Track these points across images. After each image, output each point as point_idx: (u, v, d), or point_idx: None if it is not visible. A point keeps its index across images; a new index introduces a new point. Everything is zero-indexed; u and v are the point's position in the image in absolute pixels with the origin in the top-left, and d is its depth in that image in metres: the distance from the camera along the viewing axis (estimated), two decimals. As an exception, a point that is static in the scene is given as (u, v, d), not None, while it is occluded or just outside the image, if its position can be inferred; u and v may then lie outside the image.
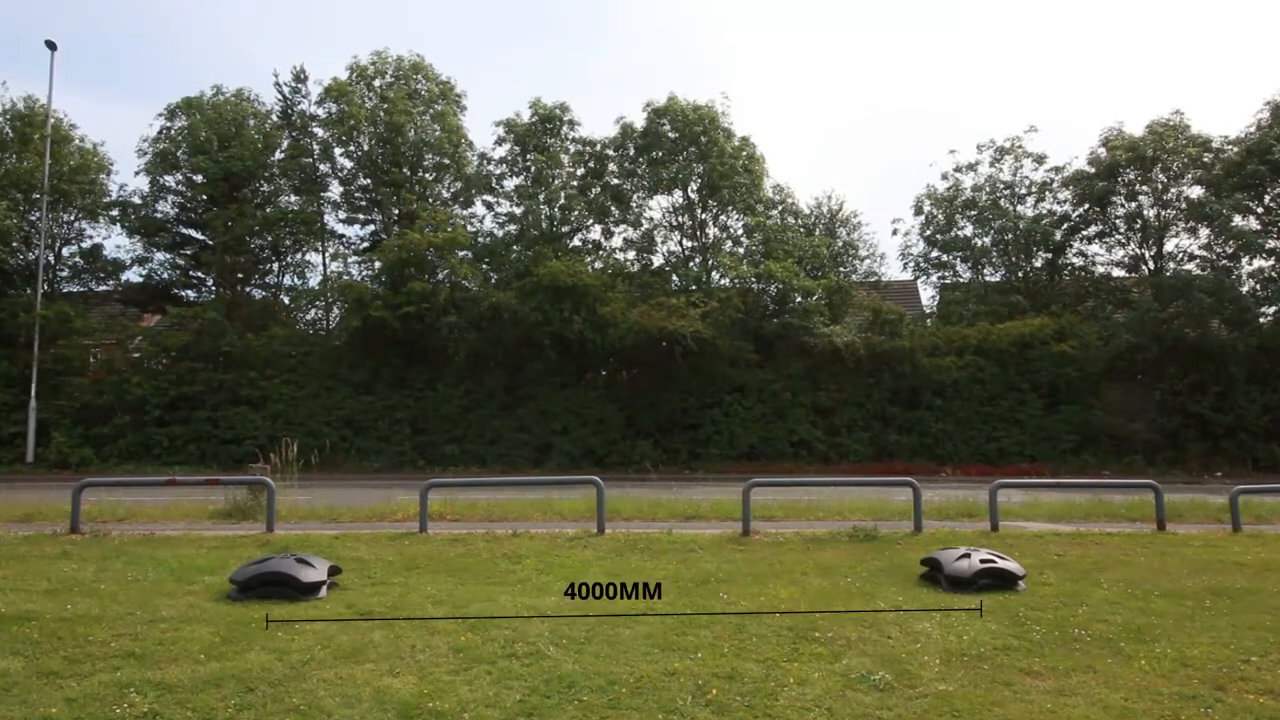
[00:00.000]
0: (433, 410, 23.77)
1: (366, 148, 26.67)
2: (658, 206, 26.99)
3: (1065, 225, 26.70)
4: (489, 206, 27.54)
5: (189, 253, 27.29)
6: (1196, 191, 24.69)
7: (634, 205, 26.69)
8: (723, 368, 23.57)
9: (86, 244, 27.45)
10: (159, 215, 27.08)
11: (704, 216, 26.48)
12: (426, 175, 27.55)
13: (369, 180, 27.06)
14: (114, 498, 12.40)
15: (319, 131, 27.01)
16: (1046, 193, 27.22)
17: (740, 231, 26.38)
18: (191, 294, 27.49)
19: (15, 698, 4.11)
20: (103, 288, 28.09)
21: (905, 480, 11.01)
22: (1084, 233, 26.67)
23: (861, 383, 23.86)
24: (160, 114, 27.47)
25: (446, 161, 27.41)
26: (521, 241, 25.99)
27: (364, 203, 27.54)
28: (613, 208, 26.32)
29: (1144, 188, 25.28)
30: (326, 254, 27.99)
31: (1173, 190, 25.13)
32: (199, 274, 27.60)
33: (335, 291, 26.46)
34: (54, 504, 11.60)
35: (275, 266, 28.47)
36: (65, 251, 27.29)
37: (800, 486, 14.03)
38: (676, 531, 9.74)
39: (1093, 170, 25.72)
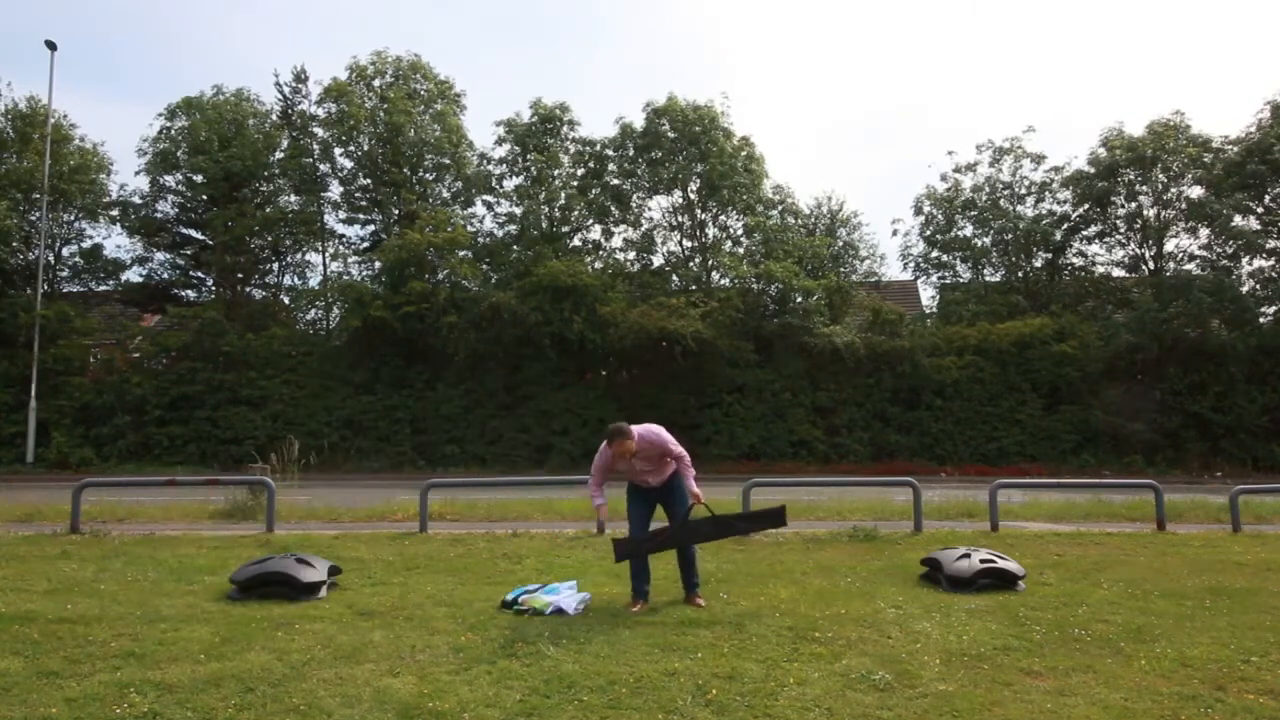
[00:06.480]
0: (433, 410, 23.77)
1: (366, 148, 26.67)
2: (657, 206, 27.04)
3: (1065, 225, 26.70)
4: (489, 206, 27.60)
5: (189, 253, 27.31)
6: (1196, 191, 24.71)
7: (634, 205, 26.70)
8: (723, 368, 23.57)
9: (86, 244, 27.49)
10: (159, 215, 27.09)
11: (704, 216, 26.48)
12: (426, 175, 27.55)
13: (369, 180, 27.06)
14: (114, 498, 12.37)
15: (319, 131, 27.04)
16: (1046, 193, 27.25)
17: (740, 231, 26.39)
18: (191, 294, 27.52)
19: (15, 698, 4.10)
20: (103, 288, 28.08)
21: (905, 480, 11.00)
22: (1084, 233, 26.68)
23: (861, 383, 23.86)
24: (160, 114, 27.53)
25: (446, 161, 27.40)
26: (521, 241, 26.00)
27: (364, 203, 27.54)
28: (613, 208, 26.33)
29: (1144, 188, 25.28)
30: (326, 254, 28.05)
31: (1173, 190, 25.14)
32: (199, 274, 27.64)
33: (335, 291, 26.46)
34: (54, 504, 11.58)
35: (275, 266, 28.51)
36: (65, 251, 27.31)
37: (800, 486, 14.01)
38: (676, 531, 9.71)
39: (1092, 170, 25.71)
